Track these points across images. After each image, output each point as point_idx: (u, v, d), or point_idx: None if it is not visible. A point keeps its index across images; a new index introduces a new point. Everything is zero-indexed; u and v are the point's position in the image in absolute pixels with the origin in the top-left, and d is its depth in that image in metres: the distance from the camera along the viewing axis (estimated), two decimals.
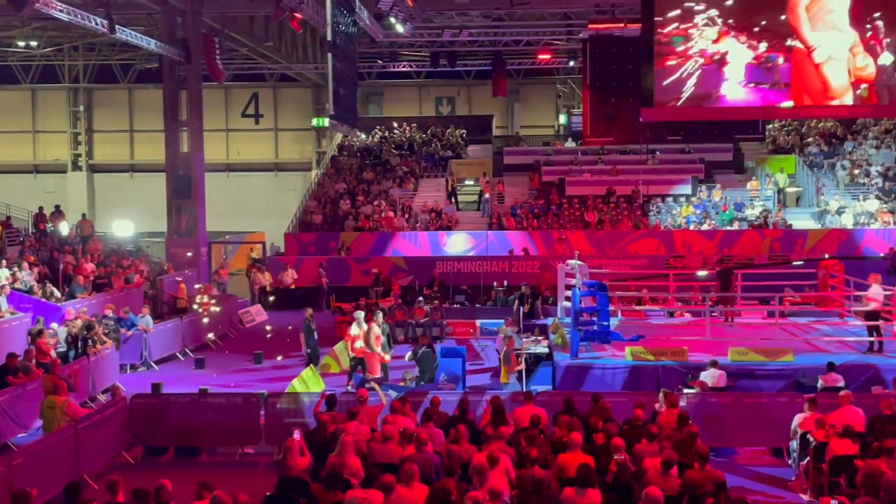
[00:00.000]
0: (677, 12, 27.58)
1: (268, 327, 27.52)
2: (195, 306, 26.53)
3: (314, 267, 32.68)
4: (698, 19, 27.50)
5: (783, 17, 26.96)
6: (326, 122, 43.06)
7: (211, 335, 25.85)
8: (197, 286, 29.01)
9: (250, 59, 42.69)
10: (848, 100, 27.39)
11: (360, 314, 20.24)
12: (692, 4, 27.58)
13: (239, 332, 28.37)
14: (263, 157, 50.89)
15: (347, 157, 43.95)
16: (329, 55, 26.54)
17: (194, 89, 33.00)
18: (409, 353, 21.27)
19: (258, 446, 15.72)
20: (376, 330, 19.82)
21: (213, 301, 27.09)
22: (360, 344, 19.57)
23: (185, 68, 32.41)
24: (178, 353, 24.24)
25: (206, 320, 26.01)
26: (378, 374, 19.15)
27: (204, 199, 33.41)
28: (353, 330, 19.79)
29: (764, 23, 27.23)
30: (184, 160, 32.97)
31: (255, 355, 23.70)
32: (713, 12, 27.48)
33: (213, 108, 45.45)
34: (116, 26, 27.58)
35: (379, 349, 19.63)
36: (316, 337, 22.22)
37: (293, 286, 32.70)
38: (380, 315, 21.16)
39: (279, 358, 23.68)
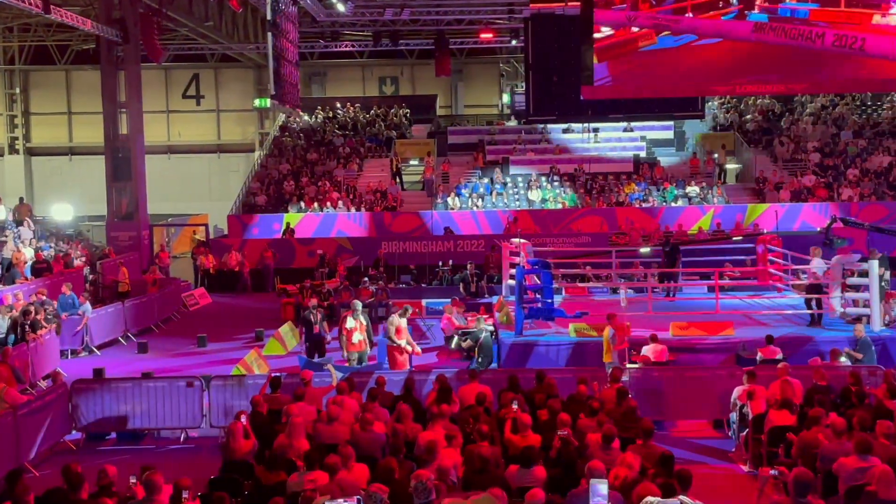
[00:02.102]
0: None
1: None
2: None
3: (258, 249, 32.45)
4: None
5: None
6: (269, 102, 42.73)
7: None
8: None
9: (190, 39, 42.00)
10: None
11: (359, 304, 18.84)
12: None
13: (183, 315, 28.13)
14: (205, 138, 50.18)
15: (290, 138, 43.60)
16: (269, 35, 26.34)
17: (133, 70, 32.48)
18: (455, 339, 20.78)
19: (202, 430, 15.62)
20: (397, 321, 18.28)
21: None
22: (358, 337, 18.28)
23: (123, 49, 31.88)
24: (120, 338, 23.94)
25: None
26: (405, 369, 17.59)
27: (145, 181, 32.96)
28: (350, 323, 18.36)
29: None
30: (123, 142, 32.48)
31: (199, 338, 23.52)
32: None
33: (153, 89, 44.78)
34: (51, 6, 27.02)
35: (403, 342, 18.29)
36: (316, 331, 19.55)
37: (237, 268, 32.45)
38: (409, 309, 19.29)
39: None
